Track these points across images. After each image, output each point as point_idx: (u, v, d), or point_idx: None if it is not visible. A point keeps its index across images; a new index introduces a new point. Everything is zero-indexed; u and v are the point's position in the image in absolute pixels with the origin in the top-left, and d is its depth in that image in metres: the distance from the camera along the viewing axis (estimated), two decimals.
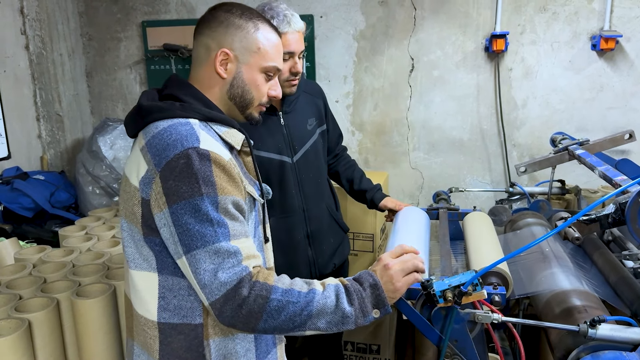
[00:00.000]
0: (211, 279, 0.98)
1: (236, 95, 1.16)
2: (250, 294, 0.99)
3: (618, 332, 1.18)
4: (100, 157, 2.71)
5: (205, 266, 0.98)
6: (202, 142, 1.01)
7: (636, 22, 2.60)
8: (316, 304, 1.03)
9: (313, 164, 1.90)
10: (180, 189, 0.98)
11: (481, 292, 1.14)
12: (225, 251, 0.99)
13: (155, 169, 0.99)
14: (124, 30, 3.12)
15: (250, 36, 1.13)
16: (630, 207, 1.21)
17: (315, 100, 1.96)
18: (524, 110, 2.80)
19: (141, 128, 1.08)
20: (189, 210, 0.98)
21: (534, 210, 2.14)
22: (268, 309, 1.00)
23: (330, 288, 1.07)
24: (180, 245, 0.99)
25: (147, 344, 1.10)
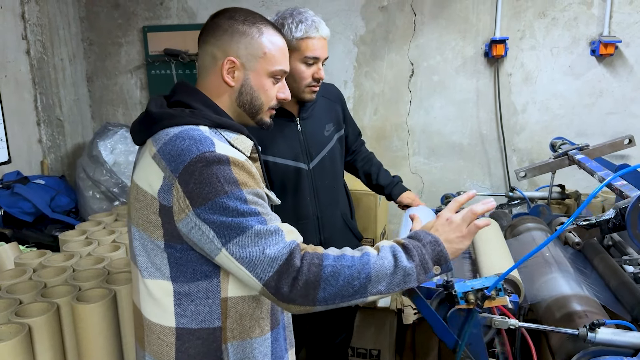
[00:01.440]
0: (260, 257, 0.96)
1: (245, 102, 1.15)
2: (303, 264, 0.98)
3: (618, 336, 1.18)
4: (101, 162, 2.71)
5: (250, 249, 0.97)
6: (217, 147, 1.01)
7: (635, 27, 2.61)
8: (373, 265, 1.00)
9: (329, 170, 1.89)
10: (203, 190, 0.97)
11: (504, 297, 1.14)
12: (266, 231, 0.98)
13: (173, 174, 0.98)
14: (125, 35, 3.14)
15: (255, 42, 1.12)
16: (631, 212, 1.21)
17: (334, 105, 1.95)
18: (524, 115, 2.80)
19: (149, 135, 1.07)
20: (217, 209, 0.97)
21: (534, 215, 2.14)
22: (324, 275, 0.98)
23: (385, 249, 1.04)
24: (217, 239, 0.97)
25: (162, 353, 1.09)
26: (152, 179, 1.02)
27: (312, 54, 1.69)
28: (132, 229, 1.10)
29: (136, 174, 1.08)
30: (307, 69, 1.71)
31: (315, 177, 1.84)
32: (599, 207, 2.45)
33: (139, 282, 1.11)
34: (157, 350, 1.10)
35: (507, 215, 2.20)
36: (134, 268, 1.13)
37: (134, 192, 1.07)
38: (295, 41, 1.68)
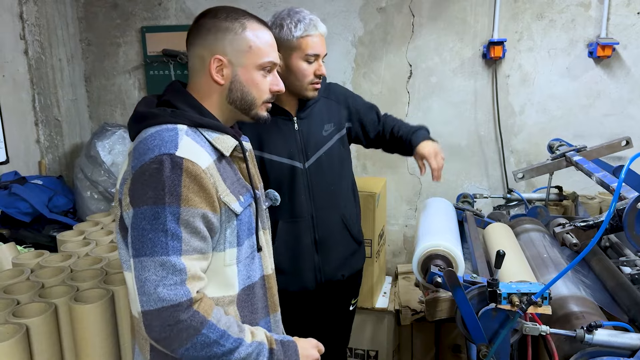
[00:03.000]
0: (150, 290, 0.97)
1: (236, 99, 1.15)
2: (184, 320, 0.98)
3: (615, 337, 1.18)
4: (99, 162, 2.71)
5: (147, 275, 0.97)
6: (179, 149, 1.02)
7: (632, 29, 2.62)
8: (237, 355, 1.04)
9: (327, 170, 1.89)
10: (146, 193, 0.99)
11: (548, 306, 1.15)
12: (171, 266, 0.98)
13: (131, 170, 1.02)
14: (123, 35, 3.13)
15: (239, 36, 1.12)
16: (628, 214, 1.22)
17: (336, 105, 1.94)
18: (522, 117, 2.81)
19: (137, 133, 1.10)
20: (148, 216, 0.98)
21: (532, 216, 2.15)
22: (195, 340, 0.99)
23: (255, 345, 1.07)
24: (132, 247, 1.00)
25: (141, 345, 1.12)
26: (122, 174, 1.07)
27: (312, 51, 1.72)
28: (115, 223, 1.14)
29: (120, 170, 1.12)
30: (308, 67, 1.74)
31: (311, 176, 1.84)
32: (597, 208, 2.45)
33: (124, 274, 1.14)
34: (139, 341, 1.14)
35: (504, 217, 2.20)
36: None
37: (118, 186, 1.11)
38: (296, 40, 1.70)
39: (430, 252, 1.58)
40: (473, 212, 2.10)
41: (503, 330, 1.20)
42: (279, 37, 1.70)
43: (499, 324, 1.22)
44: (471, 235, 1.88)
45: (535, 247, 1.85)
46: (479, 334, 1.22)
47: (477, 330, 1.22)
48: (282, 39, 1.70)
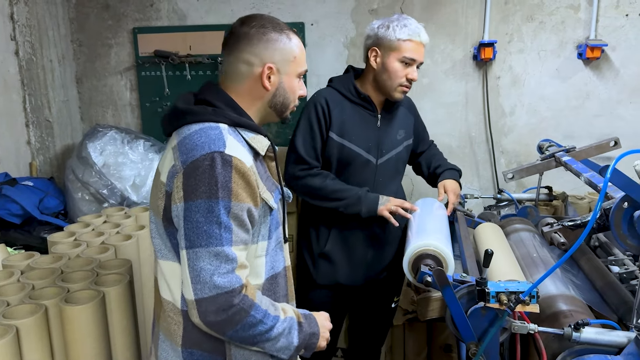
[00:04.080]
0: (206, 278, 1.04)
1: (278, 103, 1.25)
2: (236, 304, 1.06)
3: (602, 335, 1.20)
4: (90, 164, 2.69)
5: (203, 264, 1.04)
6: (227, 148, 1.09)
7: (621, 31, 2.65)
8: (276, 330, 1.14)
9: (393, 171, 2.05)
10: (199, 188, 1.05)
11: (536, 304, 1.17)
12: (225, 256, 1.06)
13: (181, 165, 1.08)
14: (115, 36, 3.12)
15: (287, 47, 1.22)
16: (614, 213, 1.24)
17: (409, 116, 2.12)
18: (512, 118, 2.83)
19: (175, 128, 1.17)
20: (203, 209, 1.05)
21: (522, 216, 2.17)
22: (245, 322, 1.08)
23: (288, 320, 1.18)
24: (184, 239, 1.06)
25: (171, 330, 1.17)
26: (166, 167, 1.12)
27: (410, 55, 1.85)
28: (150, 212, 1.21)
29: (160, 163, 1.19)
30: (402, 69, 1.87)
31: (379, 172, 1.99)
32: (586, 208, 2.48)
33: (156, 262, 1.20)
34: (167, 327, 1.18)
35: (495, 217, 2.22)
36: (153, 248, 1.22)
37: (155, 179, 1.18)
38: (397, 41, 1.85)
39: (420, 251, 1.60)
40: (464, 212, 2.11)
41: (492, 328, 1.21)
42: (382, 36, 1.87)
43: (488, 323, 1.24)
44: (462, 235, 1.90)
45: (525, 246, 1.86)
46: (468, 332, 1.23)
47: (466, 329, 1.23)
48: (385, 38, 1.86)
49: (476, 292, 1.21)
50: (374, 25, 1.93)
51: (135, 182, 2.73)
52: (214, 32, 2.96)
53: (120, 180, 2.69)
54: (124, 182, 2.70)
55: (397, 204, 1.89)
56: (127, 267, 1.75)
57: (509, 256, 1.70)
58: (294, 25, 2.90)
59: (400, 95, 1.92)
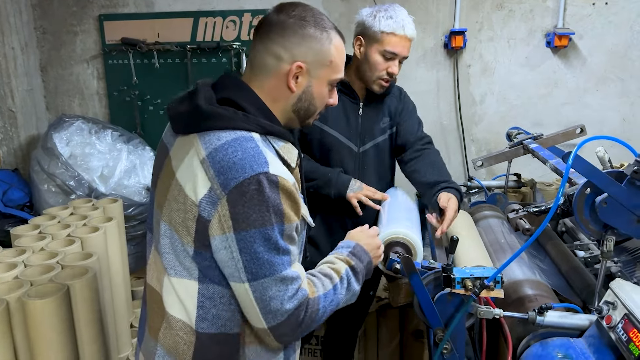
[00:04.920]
0: (277, 306, 0.99)
1: (302, 108, 1.13)
2: (306, 314, 1.03)
3: (565, 318, 1.22)
4: (56, 154, 2.62)
5: (271, 293, 0.99)
6: (271, 166, 0.98)
7: (588, 20, 2.69)
8: (340, 296, 1.12)
9: (376, 160, 2.00)
10: (251, 216, 0.95)
11: (500, 290, 1.18)
12: (290, 278, 1.01)
13: (222, 190, 0.95)
14: (80, 23, 3.04)
15: (325, 49, 1.09)
16: (577, 199, 1.25)
17: (395, 104, 2.04)
18: (482, 106, 2.86)
19: (196, 130, 1.03)
20: (260, 239, 0.96)
21: (491, 203, 2.19)
22: (317, 317, 1.06)
23: (344, 277, 1.14)
24: (244, 272, 0.98)
25: (178, 349, 1.07)
26: (197, 185, 0.98)
27: (392, 49, 1.79)
28: (161, 224, 1.07)
29: (180, 173, 1.03)
30: (383, 62, 1.82)
31: (363, 161, 1.96)
32: (554, 194, 2.52)
33: (165, 277, 1.08)
34: (173, 345, 1.07)
35: (464, 204, 2.24)
36: (158, 259, 1.10)
37: (175, 191, 1.03)
38: (380, 34, 1.78)
39: (390, 239, 1.60)
40: None
41: (458, 314, 1.22)
42: (368, 25, 1.80)
43: (454, 308, 1.25)
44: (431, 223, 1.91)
45: (493, 233, 1.89)
46: (435, 318, 1.24)
47: (433, 315, 1.24)
48: (370, 28, 1.80)
49: (442, 278, 1.22)
50: (362, 13, 1.87)
51: (104, 173, 2.67)
52: (183, 19, 2.91)
53: (88, 172, 2.63)
54: (91, 173, 2.64)
55: (368, 194, 1.88)
56: (94, 259, 1.71)
57: (477, 243, 1.72)
58: (263, 13, 2.84)
59: (379, 88, 1.87)
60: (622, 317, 1.09)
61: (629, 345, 1.03)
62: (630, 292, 1.14)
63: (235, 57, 2.90)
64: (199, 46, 2.90)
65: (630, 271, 1.56)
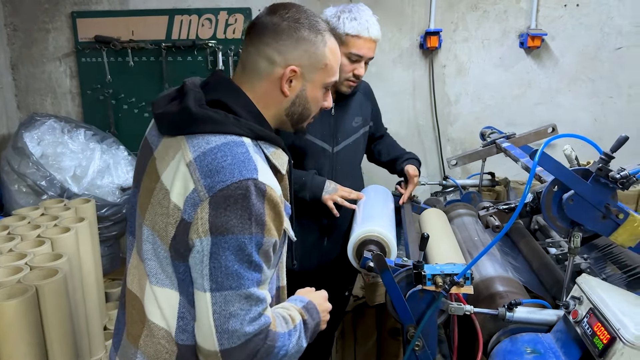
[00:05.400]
0: (236, 326, 0.93)
1: (295, 112, 1.11)
2: (264, 345, 0.96)
3: (533, 314, 1.24)
4: (27, 154, 2.57)
5: (233, 309, 0.92)
6: (259, 173, 0.94)
7: (560, 21, 2.73)
8: (291, 345, 1.04)
9: (351, 159, 2.04)
10: (230, 221, 0.91)
11: (470, 286, 1.18)
12: (256, 298, 0.95)
13: (206, 192, 0.91)
14: (52, 20, 2.98)
15: (319, 52, 1.07)
16: (545, 196, 1.28)
17: (367, 103, 2.10)
18: (457, 106, 2.88)
19: (184, 133, 0.99)
20: (234, 246, 0.91)
21: (466, 201, 2.22)
22: (272, 355, 0.99)
23: (297, 327, 1.08)
24: (209, 279, 0.93)
25: (159, 358, 1.03)
26: (181, 188, 0.95)
27: (357, 52, 1.80)
28: (144, 229, 1.03)
29: (165, 176, 0.99)
30: (349, 65, 1.83)
31: (336, 161, 1.97)
32: None
33: (146, 283, 1.04)
34: (154, 354, 1.03)
35: (440, 203, 2.26)
36: (140, 264, 1.06)
37: (159, 195, 0.99)
38: (345, 36, 1.78)
39: (364, 237, 1.61)
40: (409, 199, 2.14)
41: (429, 310, 1.23)
42: (332, 27, 1.78)
43: (426, 305, 1.26)
44: (406, 221, 1.93)
45: (467, 230, 1.91)
46: (407, 315, 1.25)
47: (405, 312, 1.25)
48: (334, 30, 1.77)
49: (413, 275, 1.23)
50: (326, 14, 1.86)
51: (76, 173, 2.63)
52: (157, 16, 2.87)
53: (60, 171, 2.59)
54: (63, 173, 2.59)
55: (344, 195, 1.89)
56: (63, 260, 1.68)
57: (451, 240, 1.74)
58: (240, 11, 2.85)
59: (347, 88, 1.89)
60: (587, 312, 1.11)
61: (593, 339, 1.05)
62: (596, 287, 1.16)
63: (211, 56, 2.88)
64: (174, 44, 2.87)
65: (601, 267, 1.59)
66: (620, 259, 1.56)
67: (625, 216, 1.23)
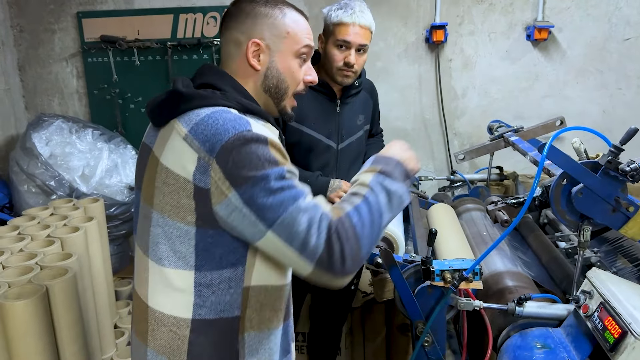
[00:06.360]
0: (309, 237, 0.94)
1: (271, 86, 1.13)
2: (342, 233, 0.96)
3: (543, 309, 1.23)
4: (35, 154, 2.59)
5: (296, 228, 0.94)
6: (253, 127, 0.97)
7: (567, 13, 2.71)
8: (379, 201, 1.03)
9: (354, 156, 2.05)
10: (243, 169, 0.94)
11: (479, 281, 1.18)
12: (307, 207, 0.96)
13: (209, 155, 0.95)
14: (58, 21, 2.99)
15: (278, 22, 1.10)
16: (554, 190, 1.26)
17: (370, 101, 2.12)
18: (464, 100, 2.87)
19: (175, 115, 1.02)
20: (259, 188, 0.94)
21: (474, 196, 2.21)
22: (359, 232, 0.98)
23: (373, 184, 1.06)
24: (260, 222, 0.95)
25: (171, 347, 1.04)
26: (185, 161, 0.97)
27: (342, 37, 1.81)
28: (152, 215, 1.04)
29: (164, 157, 1.02)
30: (339, 53, 1.84)
31: (340, 157, 1.99)
32: None
33: (152, 273, 1.05)
34: (165, 344, 1.05)
35: (447, 198, 2.25)
36: (143, 258, 1.08)
37: (162, 175, 1.01)
38: (332, 26, 1.84)
39: None
40: (417, 194, 2.13)
41: (438, 306, 1.22)
42: (324, 22, 1.86)
43: (434, 301, 1.25)
44: (414, 217, 1.92)
45: (475, 225, 1.90)
46: (415, 311, 1.24)
47: (414, 308, 1.24)
48: (325, 24, 1.86)
49: (422, 271, 1.23)
50: (323, 11, 1.92)
51: (85, 173, 2.64)
52: (163, 15, 2.88)
53: (69, 171, 2.60)
54: (72, 172, 2.61)
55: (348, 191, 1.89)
56: (73, 260, 1.69)
57: (459, 235, 1.73)
58: None
59: (342, 78, 1.88)
60: (597, 306, 1.10)
61: (604, 333, 1.04)
62: (606, 280, 1.15)
63: (217, 54, 2.88)
64: (179, 43, 2.88)
65: (611, 261, 1.58)
66: (631, 252, 1.54)
67: (635, 209, 1.21)
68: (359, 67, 1.88)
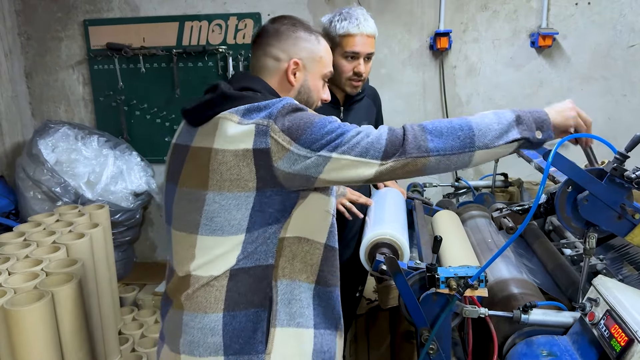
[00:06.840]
0: (368, 141, 1.05)
1: (301, 100, 1.26)
2: (405, 128, 1.08)
3: (549, 316, 1.23)
4: (42, 161, 2.61)
5: (355, 140, 1.05)
6: None
7: (571, 20, 2.71)
8: (473, 120, 1.09)
9: None
10: (299, 124, 1.06)
11: (484, 289, 1.18)
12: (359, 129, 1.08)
13: (268, 119, 1.07)
14: (65, 29, 3.02)
15: (314, 47, 1.27)
16: (559, 196, 1.26)
17: (373, 107, 2.12)
18: (468, 107, 2.87)
19: (218, 112, 1.12)
20: (316, 132, 1.06)
21: (479, 203, 2.20)
22: (427, 129, 1.08)
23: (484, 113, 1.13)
24: (325, 151, 1.05)
25: (209, 300, 1.12)
26: (243, 137, 1.08)
27: (351, 49, 1.82)
28: (207, 196, 1.12)
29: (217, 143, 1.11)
30: (347, 64, 1.85)
31: None
32: None
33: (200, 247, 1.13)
34: (202, 300, 1.12)
35: (452, 204, 2.25)
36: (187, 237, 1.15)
37: (219, 158, 1.10)
38: (338, 37, 1.83)
39: (376, 240, 1.60)
40: (422, 201, 2.13)
41: (443, 314, 1.22)
42: (327, 32, 1.84)
43: (439, 308, 1.24)
44: (419, 223, 1.92)
45: (480, 232, 1.90)
46: (420, 318, 1.24)
47: (419, 315, 1.24)
48: (329, 35, 1.83)
49: (426, 278, 1.22)
50: (323, 21, 1.92)
51: (90, 179, 2.66)
52: (168, 23, 2.90)
53: (74, 178, 2.62)
54: (77, 179, 2.62)
55: (352, 199, 1.89)
56: (78, 266, 1.70)
57: (464, 242, 1.73)
58: (250, 16, 2.86)
59: (352, 89, 1.90)
60: (604, 314, 1.10)
61: (610, 341, 1.04)
62: (612, 288, 1.14)
63: (222, 61, 2.89)
64: (184, 50, 2.90)
65: (617, 268, 1.57)
66: (637, 260, 1.53)
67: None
68: (367, 74, 1.89)
